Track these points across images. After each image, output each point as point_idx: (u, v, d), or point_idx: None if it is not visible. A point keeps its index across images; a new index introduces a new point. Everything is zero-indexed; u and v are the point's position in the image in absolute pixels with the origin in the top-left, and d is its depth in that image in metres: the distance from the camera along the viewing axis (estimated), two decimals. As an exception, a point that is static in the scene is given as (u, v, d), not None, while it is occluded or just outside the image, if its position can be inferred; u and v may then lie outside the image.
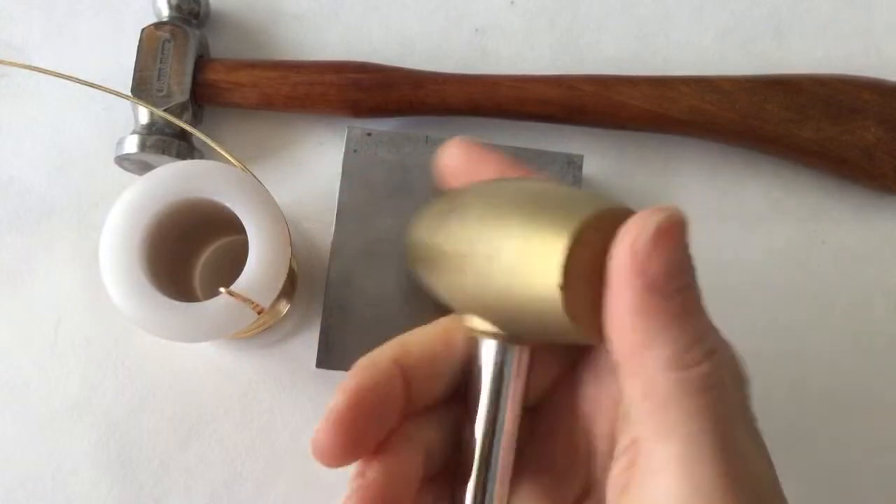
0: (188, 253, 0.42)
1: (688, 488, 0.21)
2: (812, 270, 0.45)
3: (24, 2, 0.47)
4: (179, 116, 0.42)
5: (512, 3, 0.48)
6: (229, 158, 0.36)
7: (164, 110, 0.41)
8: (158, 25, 0.43)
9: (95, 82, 0.36)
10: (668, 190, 0.45)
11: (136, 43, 0.43)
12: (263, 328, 0.41)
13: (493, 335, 0.28)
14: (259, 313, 0.34)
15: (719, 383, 0.21)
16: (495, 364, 0.28)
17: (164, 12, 0.44)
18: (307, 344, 0.43)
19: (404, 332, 0.41)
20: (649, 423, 0.22)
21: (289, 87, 0.43)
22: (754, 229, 0.45)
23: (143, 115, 0.42)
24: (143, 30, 0.43)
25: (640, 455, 0.22)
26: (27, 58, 0.46)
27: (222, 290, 0.33)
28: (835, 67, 0.46)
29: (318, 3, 0.47)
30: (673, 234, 0.21)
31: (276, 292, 0.34)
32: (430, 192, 0.41)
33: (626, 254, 0.21)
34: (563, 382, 0.29)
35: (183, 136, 0.43)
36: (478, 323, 0.28)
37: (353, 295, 0.40)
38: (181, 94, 0.42)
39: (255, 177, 0.36)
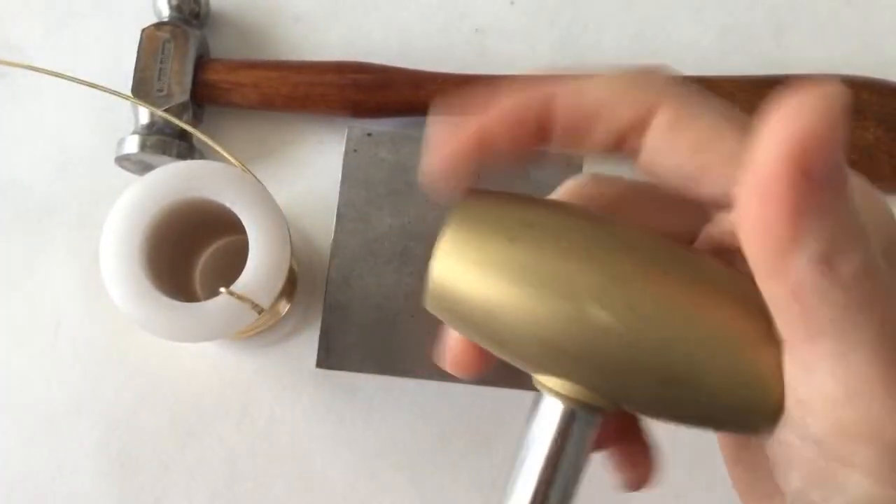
0: (188, 253, 0.42)
1: (843, 388, 0.19)
2: (812, 270, 0.45)
3: (25, 2, 0.47)
4: (180, 116, 0.42)
5: (512, 3, 0.48)
6: (229, 158, 0.36)
7: (165, 110, 0.41)
8: (159, 26, 0.43)
9: (96, 82, 0.36)
10: (668, 190, 0.45)
11: (137, 43, 0.43)
12: (264, 328, 0.41)
13: (577, 400, 0.24)
14: (259, 313, 0.34)
15: (876, 271, 0.19)
16: (562, 431, 0.25)
17: (165, 12, 0.44)
18: (307, 344, 0.43)
19: (404, 332, 0.41)
20: (799, 326, 0.20)
21: (289, 88, 0.43)
22: (754, 229, 0.45)
23: (144, 115, 0.42)
24: (143, 30, 0.43)
25: (788, 357, 0.21)
26: (28, 58, 0.46)
27: (222, 290, 0.33)
28: (834, 67, 0.46)
29: (319, 4, 0.47)
30: (833, 114, 0.19)
31: (277, 292, 0.34)
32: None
33: (783, 139, 0.19)
34: None
35: (183, 136, 0.43)
36: (558, 382, 0.24)
37: (353, 295, 0.40)
38: (181, 95, 0.42)
39: (255, 177, 0.36)
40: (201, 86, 0.43)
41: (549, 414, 0.25)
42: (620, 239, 0.24)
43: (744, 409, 0.23)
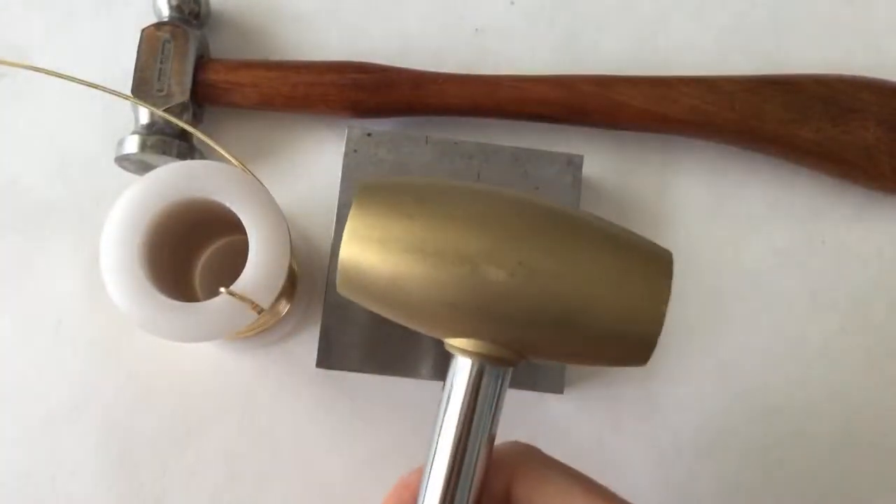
0: (188, 253, 0.42)
1: None
2: (812, 270, 0.45)
3: (25, 2, 0.47)
4: (180, 116, 0.42)
5: (512, 3, 0.48)
6: (229, 158, 0.36)
7: (165, 110, 0.41)
8: (159, 25, 0.43)
9: (96, 82, 0.36)
10: (668, 190, 0.45)
11: (137, 43, 0.43)
12: (263, 328, 0.41)
13: (484, 355, 0.27)
14: (259, 313, 0.34)
15: None
16: (474, 386, 0.27)
17: (165, 12, 0.44)
18: (307, 344, 0.43)
19: (404, 332, 0.41)
20: None
21: (289, 88, 0.43)
22: (754, 229, 0.45)
23: (144, 115, 0.42)
24: (143, 30, 0.43)
25: None
26: (28, 58, 0.46)
27: (222, 290, 0.33)
28: (834, 67, 0.46)
29: (319, 3, 0.47)
30: None
31: (276, 292, 0.34)
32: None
33: None
34: None
35: (183, 136, 0.43)
36: (466, 342, 0.27)
37: (353, 295, 0.40)
38: (181, 94, 0.42)
39: (255, 177, 0.36)
40: (201, 86, 0.43)
41: (462, 372, 0.27)
42: (505, 205, 0.27)
43: (627, 340, 0.26)
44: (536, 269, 0.25)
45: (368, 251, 0.27)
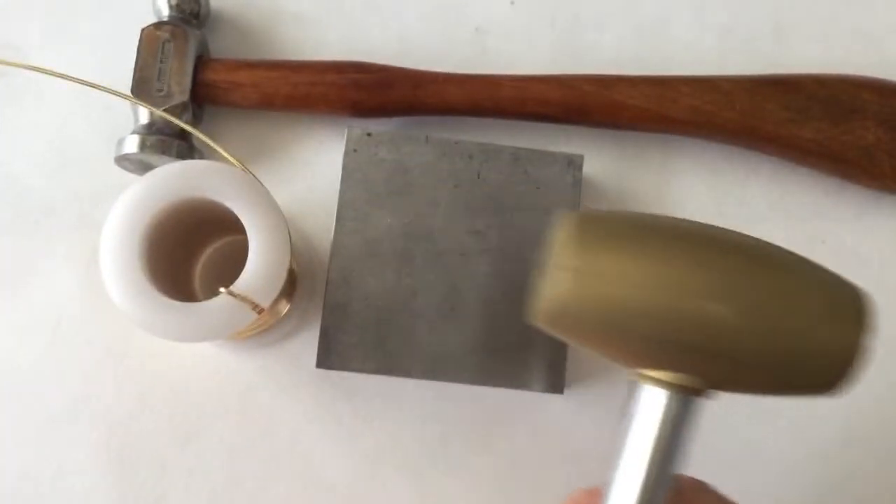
0: (188, 253, 0.42)
1: None
2: (812, 270, 0.45)
3: (25, 2, 0.47)
4: (179, 116, 0.42)
5: (512, 2, 0.48)
6: (229, 158, 0.36)
7: (164, 110, 0.41)
8: (158, 25, 0.43)
9: (96, 82, 0.36)
10: (668, 190, 0.45)
11: (137, 43, 0.43)
12: (263, 328, 0.41)
13: (684, 387, 0.26)
14: (259, 313, 0.34)
15: None
16: (674, 418, 0.27)
17: (165, 12, 0.44)
18: (307, 344, 0.43)
19: (404, 332, 0.41)
20: None
21: (289, 87, 0.43)
22: (754, 229, 0.45)
23: (143, 115, 0.42)
24: (143, 30, 0.43)
25: None
26: (27, 58, 0.46)
27: (222, 289, 0.33)
28: (835, 67, 0.46)
29: (319, 3, 0.47)
30: None
31: (276, 292, 0.34)
32: (430, 193, 0.41)
33: None
34: None
35: (183, 135, 0.43)
36: (667, 374, 0.26)
37: (353, 295, 0.40)
38: (181, 94, 0.42)
39: (255, 177, 0.36)
40: (201, 85, 0.43)
41: (656, 403, 0.27)
42: (718, 240, 0.27)
43: (827, 378, 0.26)
44: (757, 305, 0.25)
45: (581, 286, 0.26)
